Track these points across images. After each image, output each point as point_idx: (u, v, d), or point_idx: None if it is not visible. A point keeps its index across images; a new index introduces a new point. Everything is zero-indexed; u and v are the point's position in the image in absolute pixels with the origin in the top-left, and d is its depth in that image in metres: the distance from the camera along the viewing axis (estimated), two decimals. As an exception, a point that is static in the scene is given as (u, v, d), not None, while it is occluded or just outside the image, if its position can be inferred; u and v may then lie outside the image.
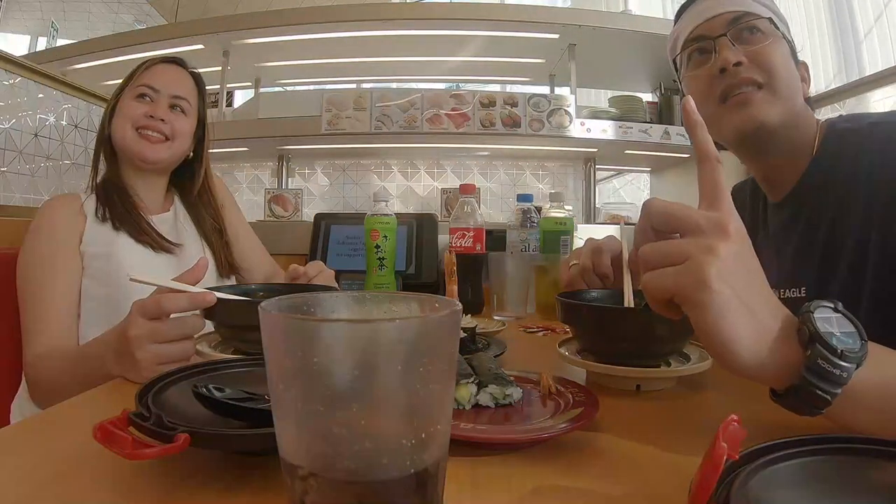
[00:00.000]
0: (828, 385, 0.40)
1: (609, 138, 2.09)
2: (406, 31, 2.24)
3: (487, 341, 0.74)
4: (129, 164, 1.07)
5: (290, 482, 0.25)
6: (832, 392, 0.40)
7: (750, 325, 0.42)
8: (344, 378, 0.24)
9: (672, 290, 0.43)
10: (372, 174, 2.54)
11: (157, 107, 1.05)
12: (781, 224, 0.83)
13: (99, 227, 0.99)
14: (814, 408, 0.41)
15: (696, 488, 0.27)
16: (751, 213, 0.92)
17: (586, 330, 0.64)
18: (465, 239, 1.14)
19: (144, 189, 1.09)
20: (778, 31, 0.78)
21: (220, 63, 2.30)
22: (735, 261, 0.42)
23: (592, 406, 0.47)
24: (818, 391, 0.40)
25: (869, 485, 0.33)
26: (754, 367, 0.42)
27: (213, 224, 1.15)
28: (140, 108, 1.04)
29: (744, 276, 0.43)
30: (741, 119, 0.75)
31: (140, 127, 1.04)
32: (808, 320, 0.41)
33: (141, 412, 0.38)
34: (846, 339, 0.41)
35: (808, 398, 0.41)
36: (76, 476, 0.37)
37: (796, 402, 0.42)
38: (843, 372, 0.40)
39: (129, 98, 1.05)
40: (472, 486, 0.37)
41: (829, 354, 0.40)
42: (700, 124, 0.48)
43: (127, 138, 1.03)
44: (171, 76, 1.10)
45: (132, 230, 1.00)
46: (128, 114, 1.04)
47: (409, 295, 0.31)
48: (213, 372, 0.51)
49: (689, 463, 0.31)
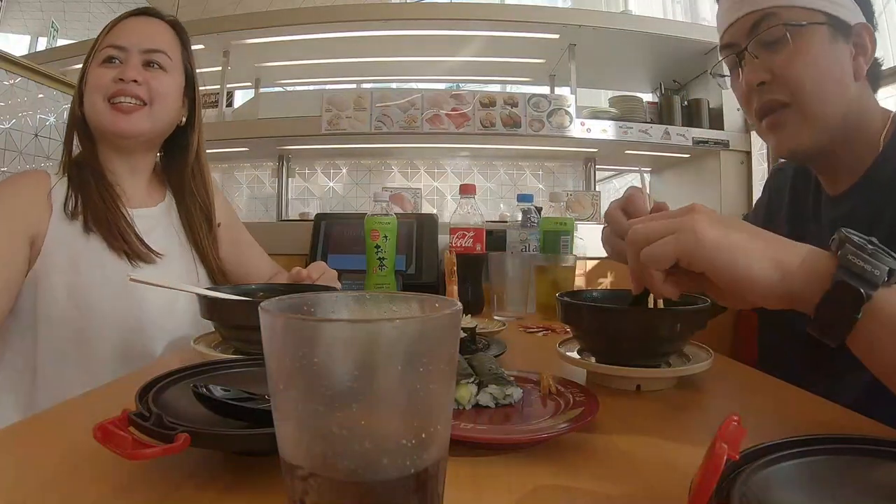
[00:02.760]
0: (860, 283, 0.40)
1: (609, 138, 2.09)
2: (406, 31, 2.24)
3: (487, 341, 0.74)
4: (109, 145, 0.92)
5: (290, 482, 0.25)
6: (866, 291, 0.40)
7: (763, 251, 0.45)
8: (344, 378, 0.24)
9: (674, 253, 0.47)
10: (372, 174, 2.54)
11: (128, 67, 0.88)
12: (841, 218, 0.74)
13: (66, 226, 0.83)
14: (849, 313, 0.41)
15: (696, 488, 0.27)
16: (791, 202, 0.86)
17: (586, 330, 0.64)
18: (465, 239, 1.14)
19: (128, 174, 0.93)
20: (803, 25, 0.68)
21: (220, 63, 2.30)
22: (718, 216, 0.48)
23: (592, 406, 0.47)
24: (852, 286, 0.40)
25: (869, 485, 0.33)
26: (781, 285, 0.44)
27: (203, 214, 1.00)
28: (108, 73, 0.88)
29: (735, 222, 0.48)
30: (775, 145, 0.74)
31: (111, 96, 0.87)
32: (839, 232, 0.44)
33: (141, 412, 0.38)
34: (877, 248, 0.42)
35: (842, 300, 0.41)
36: (76, 476, 0.37)
37: (830, 311, 0.42)
38: (875, 269, 0.40)
39: (96, 65, 0.89)
40: (472, 486, 0.37)
41: (860, 251, 0.41)
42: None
43: (98, 112, 0.88)
44: (140, 29, 0.92)
45: (106, 233, 0.84)
46: (95, 83, 0.88)
47: (409, 295, 0.31)
48: (213, 372, 0.51)
49: (689, 463, 0.31)
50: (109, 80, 0.87)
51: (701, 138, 2.09)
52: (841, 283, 0.41)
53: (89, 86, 0.88)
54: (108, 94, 0.87)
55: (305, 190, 2.54)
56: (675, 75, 2.42)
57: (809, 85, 0.69)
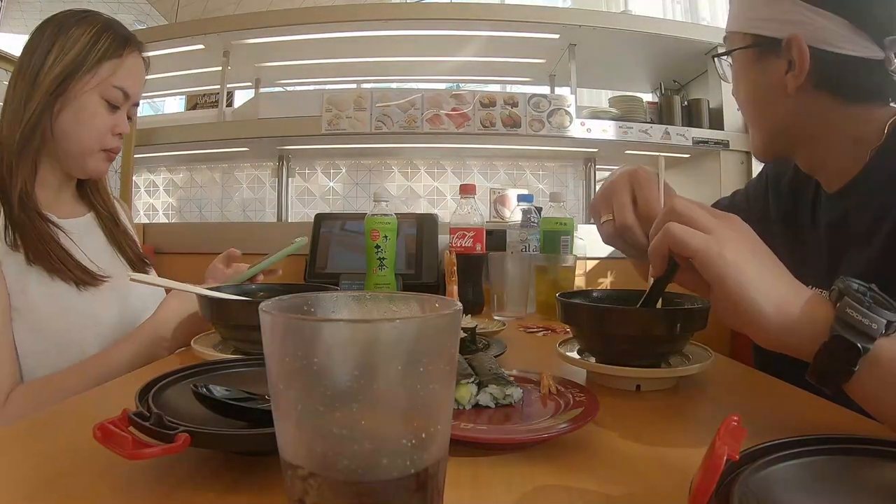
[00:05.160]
0: (858, 337, 0.41)
1: (609, 138, 2.09)
2: (406, 31, 2.24)
3: (487, 341, 0.74)
4: (61, 168, 0.88)
5: (290, 482, 0.25)
6: (863, 345, 0.40)
7: (773, 289, 0.46)
8: (344, 378, 0.24)
9: (696, 249, 0.47)
10: (372, 174, 2.54)
11: (122, 118, 0.89)
12: (839, 215, 0.74)
13: (11, 253, 0.79)
14: (845, 365, 0.41)
15: (696, 488, 0.27)
16: (790, 200, 0.85)
17: (586, 330, 0.64)
18: (465, 239, 1.14)
19: (62, 189, 0.92)
20: (731, 53, 0.75)
21: (220, 63, 2.30)
22: (751, 238, 0.50)
23: (592, 406, 0.47)
24: (849, 340, 0.41)
25: (869, 485, 0.33)
26: (780, 327, 0.45)
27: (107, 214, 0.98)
28: (108, 119, 0.87)
29: (759, 249, 0.49)
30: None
31: (107, 149, 0.88)
32: (840, 281, 0.44)
33: (141, 412, 0.38)
34: (876, 299, 0.42)
35: (839, 353, 0.41)
36: (76, 476, 0.37)
37: (827, 363, 0.42)
38: (872, 322, 0.40)
39: (97, 96, 0.85)
40: (472, 486, 0.37)
41: (859, 305, 0.41)
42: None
43: (88, 154, 0.87)
44: (139, 75, 0.91)
45: (46, 264, 0.80)
46: (96, 125, 0.86)
47: (409, 295, 0.31)
48: (213, 372, 0.51)
49: (689, 463, 0.31)
50: (107, 130, 0.87)
51: (701, 138, 2.09)
52: (838, 336, 0.42)
53: (86, 119, 0.85)
54: (106, 146, 0.88)
55: (305, 190, 2.54)
56: (675, 75, 2.42)
57: (742, 104, 0.78)
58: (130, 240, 1.01)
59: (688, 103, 2.24)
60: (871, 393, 0.43)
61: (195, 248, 1.84)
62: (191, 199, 2.55)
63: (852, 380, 0.42)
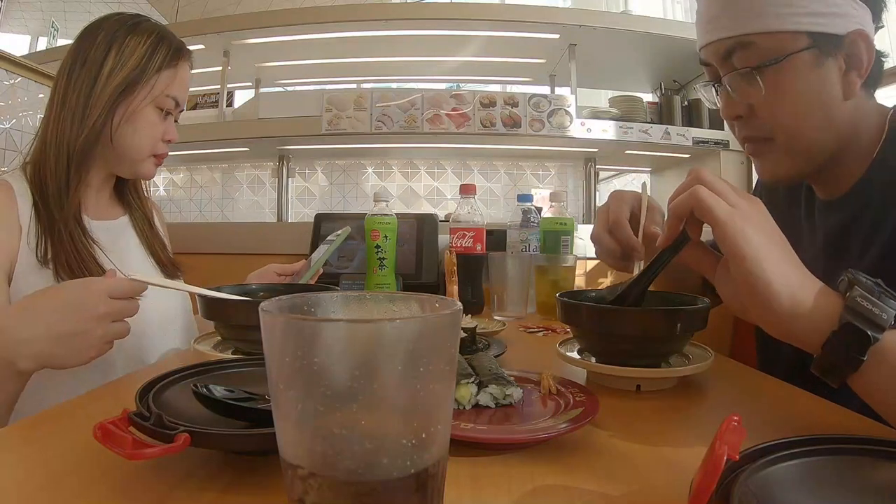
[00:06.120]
0: (868, 325, 0.41)
1: (609, 138, 2.09)
2: (406, 31, 2.24)
3: (487, 341, 0.74)
4: (108, 170, 0.90)
5: (290, 482, 0.25)
6: (873, 334, 0.40)
7: (790, 275, 0.45)
8: (344, 378, 0.24)
9: (719, 218, 0.47)
10: (372, 174, 2.54)
11: (171, 125, 0.92)
12: (838, 224, 0.71)
13: (32, 259, 0.78)
14: (854, 354, 0.41)
15: (696, 488, 0.27)
16: (786, 207, 0.83)
17: (586, 330, 0.64)
18: (465, 239, 1.14)
19: (101, 189, 0.93)
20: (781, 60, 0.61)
21: (220, 63, 2.30)
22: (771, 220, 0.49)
23: (592, 406, 0.47)
24: (859, 328, 0.41)
25: (869, 485, 0.33)
26: (791, 313, 0.44)
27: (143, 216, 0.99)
28: (160, 127, 0.89)
29: (776, 234, 0.49)
30: (760, 172, 0.71)
31: (158, 154, 0.91)
32: (848, 273, 0.44)
33: (141, 412, 0.38)
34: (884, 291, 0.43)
35: (848, 342, 0.41)
36: (76, 476, 0.37)
37: (836, 352, 0.42)
38: (883, 312, 0.40)
39: (151, 105, 0.87)
40: (472, 486, 0.37)
41: (869, 293, 0.41)
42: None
43: (140, 159, 0.89)
44: (189, 83, 0.94)
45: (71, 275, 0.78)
46: (151, 133, 0.88)
47: (409, 295, 0.31)
48: (213, 372, 0.51)
49: (689, 463, 0.31)
50: (159, 137, 0.89)
51: (701, 138, 2.09)
52: (848, 324, 0.42)
53: (141, 127, 0.86)
54: (157, 151, 0.90)
55: (305, 190, 2.54)
56: (675, 75, 2.42)
57: (790, 120, 0.64)
58: (162, 244, 1.01)
59: (688, 103, 2.25)
60: (876, 385, 0.43)
61: (195, 248, 1.84)
62: (191, 199, 2.56)
63: (858, 372, 0.42)
